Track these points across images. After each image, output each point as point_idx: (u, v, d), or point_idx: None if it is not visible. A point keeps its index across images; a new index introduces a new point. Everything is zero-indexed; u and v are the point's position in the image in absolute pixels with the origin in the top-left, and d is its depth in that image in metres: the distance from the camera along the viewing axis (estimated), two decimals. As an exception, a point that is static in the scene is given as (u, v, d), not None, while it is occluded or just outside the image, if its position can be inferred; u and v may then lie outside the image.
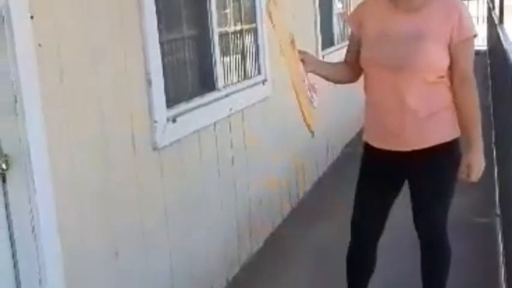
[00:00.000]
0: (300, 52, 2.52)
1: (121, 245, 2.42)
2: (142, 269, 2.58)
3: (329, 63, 3.05)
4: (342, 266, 2.72)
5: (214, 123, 3.23)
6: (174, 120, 2.78)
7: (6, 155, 1.91)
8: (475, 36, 2.41)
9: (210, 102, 3.20)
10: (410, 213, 2.58)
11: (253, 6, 3.90)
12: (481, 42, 13.12)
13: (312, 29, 5.17)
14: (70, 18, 2.14)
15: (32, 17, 1.91)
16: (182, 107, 2.94)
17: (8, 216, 1.96)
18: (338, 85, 2.84)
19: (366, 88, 2.54)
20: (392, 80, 2.39)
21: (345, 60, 2.65)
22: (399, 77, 2.38)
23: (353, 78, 2.64)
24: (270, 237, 3.96)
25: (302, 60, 2.51)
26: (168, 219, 2.77)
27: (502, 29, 5.94)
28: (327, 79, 2.68)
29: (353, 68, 2.59)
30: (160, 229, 2.72)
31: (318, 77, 2.61)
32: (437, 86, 2.40)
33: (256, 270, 3.53)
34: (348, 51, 2.65)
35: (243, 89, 3.60)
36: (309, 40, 5.04)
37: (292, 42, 2.45)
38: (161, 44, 2.74)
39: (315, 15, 5.22)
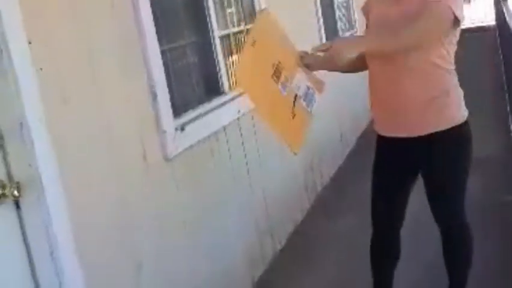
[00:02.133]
0: (300, 55, 2.48)
1: (143, 258, 2.41)
2: (164, 280, 2.57)
3: None
4: (367, 259, 2.70)
5: (224, 127, 3.21)
6: (183, 129, 2.77)
7: (17, 182, 1.90)
8: (453, 12, 2.25)
9: (217, 107, 3.19)
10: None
11: (253, 5, 3.87)
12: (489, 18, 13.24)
13: (314, 21, 5.14)
14: (68, 39, 2.13)
15: (30, 43, 1.90)
16: (190, 114, 2.93)
17: (25, 242, 1.96)
18: (346, 78, 2.81)
19: (369, 77, 2.54)
20: (390, 66, 2.38)
21: None
22: (396, 62, 2.36)
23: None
24: (291, 235, 3.94)
25: (306, 64, 2.47)
26: (187, 227, 2.76)
27: (506, 6, 5.92)
28: (339, 71, 2.65)
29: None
30: (179, 238, 2.71)
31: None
32: (435, 70, 2.38)
33: (281, 270, 3.52)
34: None
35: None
36: (313, 33, 5.01)
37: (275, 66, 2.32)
38: (163, 53, 2.73)
39: (317, 8, 5.19)
